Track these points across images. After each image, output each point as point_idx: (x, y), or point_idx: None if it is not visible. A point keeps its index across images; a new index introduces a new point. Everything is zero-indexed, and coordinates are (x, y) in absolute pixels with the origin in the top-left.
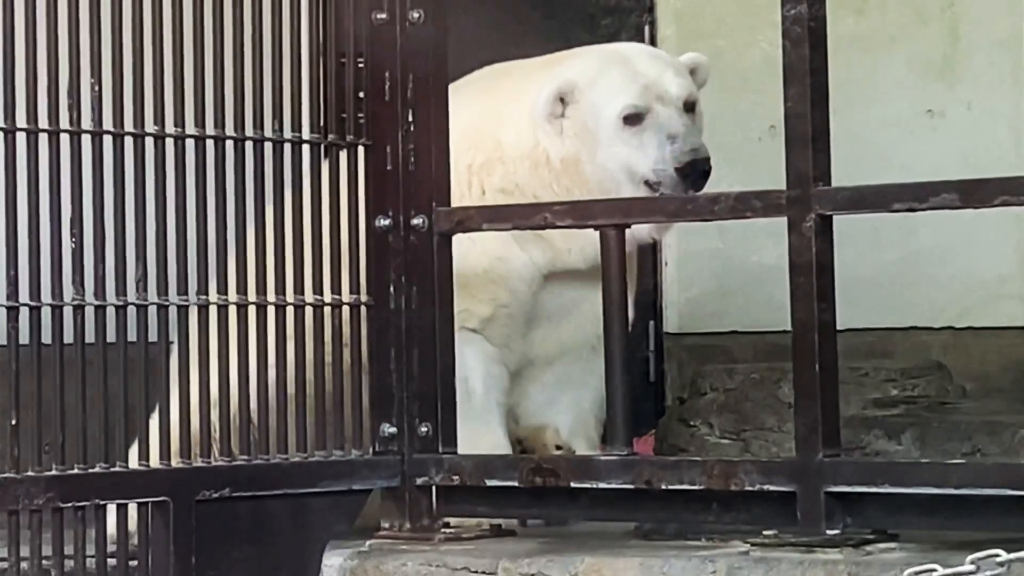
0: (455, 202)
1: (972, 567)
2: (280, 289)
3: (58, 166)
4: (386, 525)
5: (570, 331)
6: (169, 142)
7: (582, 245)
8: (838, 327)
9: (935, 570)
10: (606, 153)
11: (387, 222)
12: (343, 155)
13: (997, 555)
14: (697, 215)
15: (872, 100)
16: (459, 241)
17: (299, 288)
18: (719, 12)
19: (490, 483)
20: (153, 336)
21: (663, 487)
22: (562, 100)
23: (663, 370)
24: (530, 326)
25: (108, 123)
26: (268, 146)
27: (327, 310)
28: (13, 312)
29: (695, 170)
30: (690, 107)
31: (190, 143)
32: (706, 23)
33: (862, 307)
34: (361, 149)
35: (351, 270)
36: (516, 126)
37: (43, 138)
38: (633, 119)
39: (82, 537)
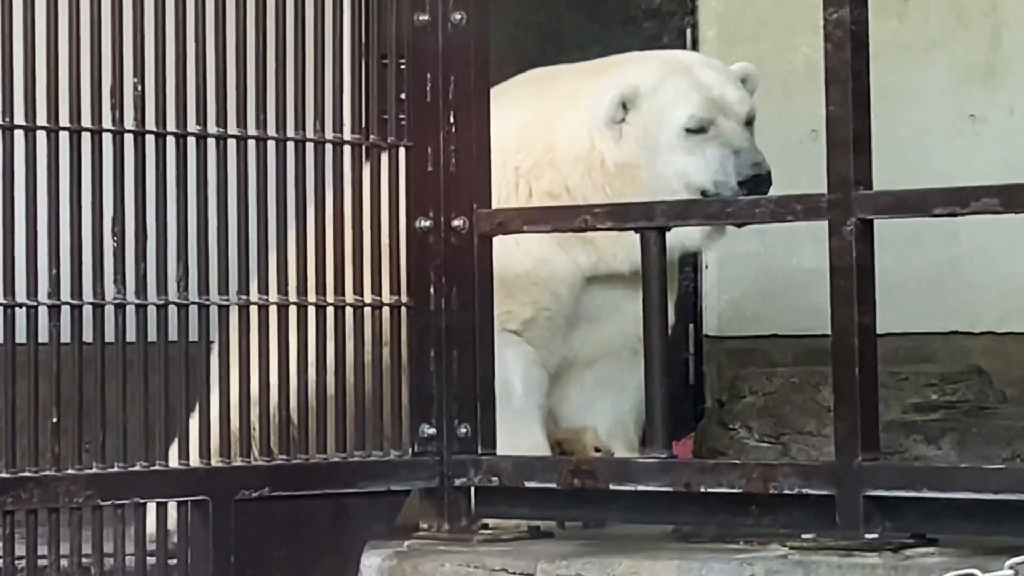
0: (502, 204)
1: (1011, 572)
2: (321, 289)
3: (101, 165)
4: (424, 526)
5: (611, 333)
6: (211, 142)
7: (628, 249)
8: (878, 331)
9: (974, 575)
10: (665, 160)
11: (428, 223)
12: (384, 156)
13: None
14: (738, 218)
15: (914, 104)
16: (502, 243)
17: (339, 288)
18: (761, 15)
19: (529, 485)
20: (194, 335)
21: (702, 490)
22: (624, 106)
23: (702, 373)
24: (571, 328)
25: (151, 123)
26: (310, 147)
27: (367, 310)
28: (55, 311)
29: (757, 184)
30: (749, 121)
31: (232, 143)
32: (748, 26)
33: (902, 311)
34: (402, 150)
35: (392, 271)
36: (570, 129)
37: (86, 137)
38: (696, 130)
39: (121, 535)
